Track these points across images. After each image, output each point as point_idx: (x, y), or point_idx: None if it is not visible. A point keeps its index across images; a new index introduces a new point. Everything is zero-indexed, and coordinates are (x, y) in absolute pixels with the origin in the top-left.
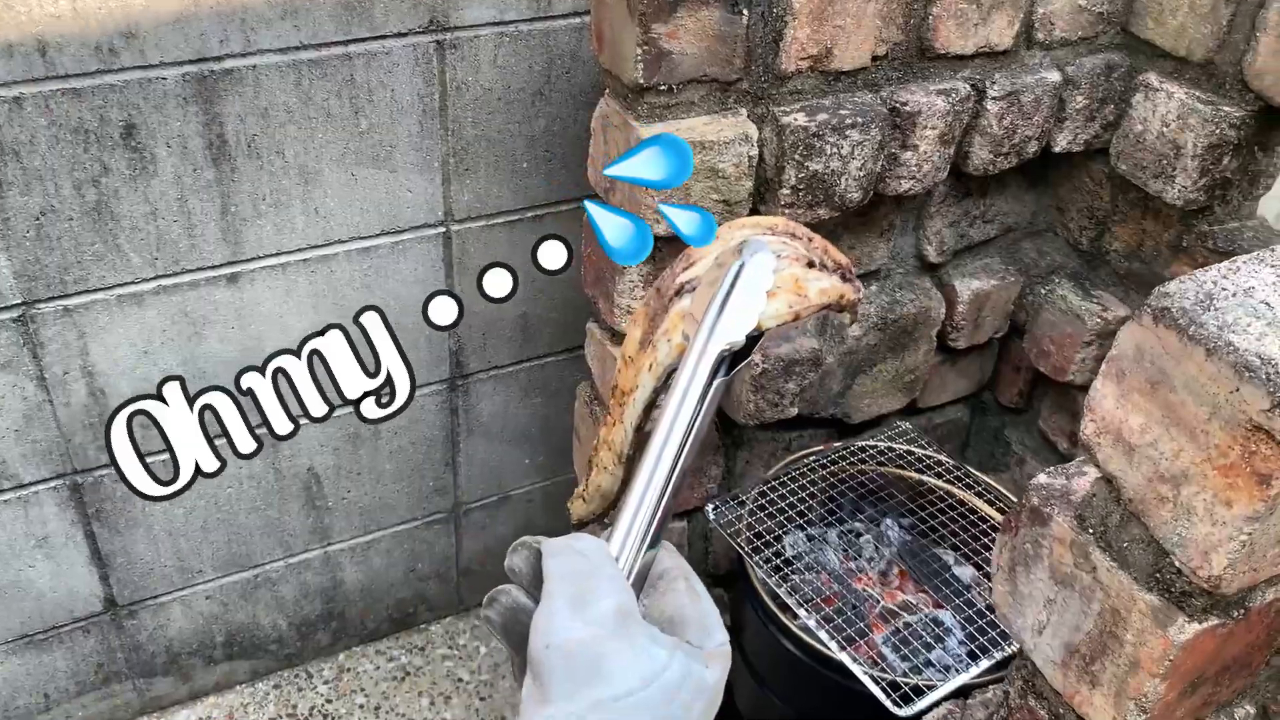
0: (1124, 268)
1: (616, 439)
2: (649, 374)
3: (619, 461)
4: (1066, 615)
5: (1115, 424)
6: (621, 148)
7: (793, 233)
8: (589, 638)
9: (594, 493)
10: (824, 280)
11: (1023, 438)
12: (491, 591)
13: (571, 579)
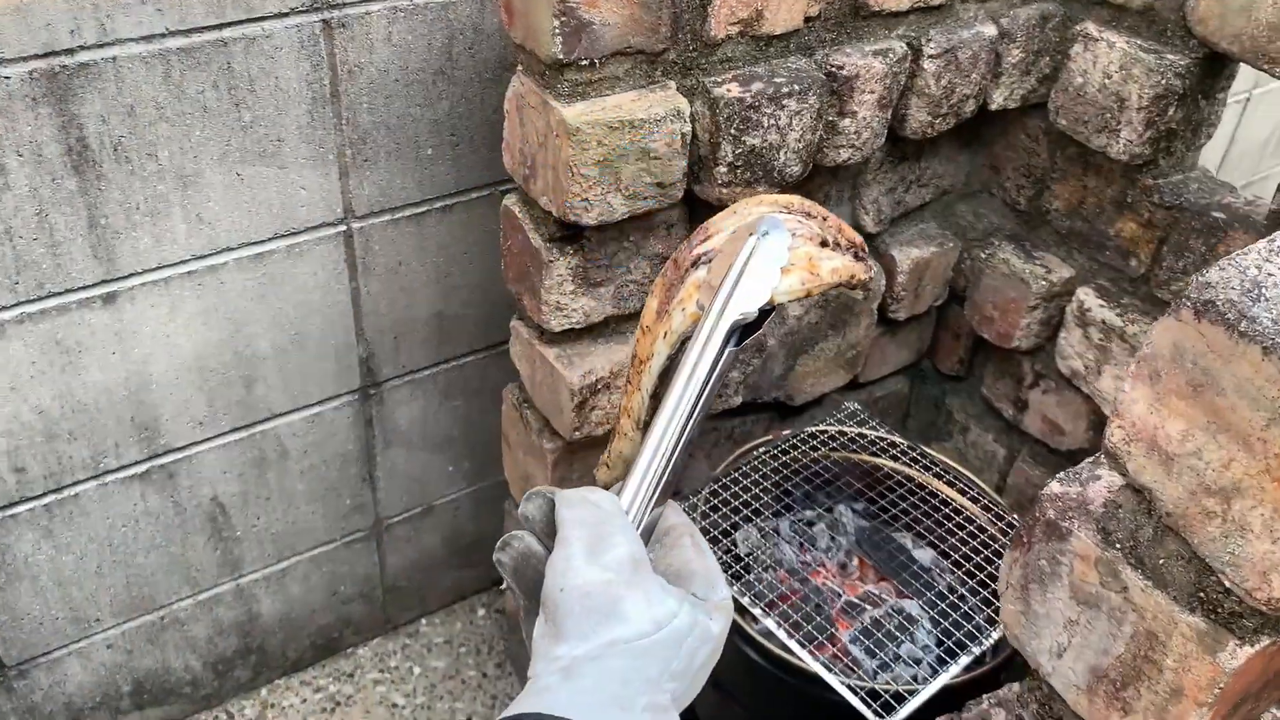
0: (1065, 227)
1: (635, 405)
2: (664, 342)
3: (637, 427)
4: (1091, 638)
5: (1149, 431)
6: (541, 130)
7: (808, 211)
8: (604, 582)
9: (616, 459)
10: (836, 259)
11: (965, 405)
12: (504, 536)
13: (587, 526)
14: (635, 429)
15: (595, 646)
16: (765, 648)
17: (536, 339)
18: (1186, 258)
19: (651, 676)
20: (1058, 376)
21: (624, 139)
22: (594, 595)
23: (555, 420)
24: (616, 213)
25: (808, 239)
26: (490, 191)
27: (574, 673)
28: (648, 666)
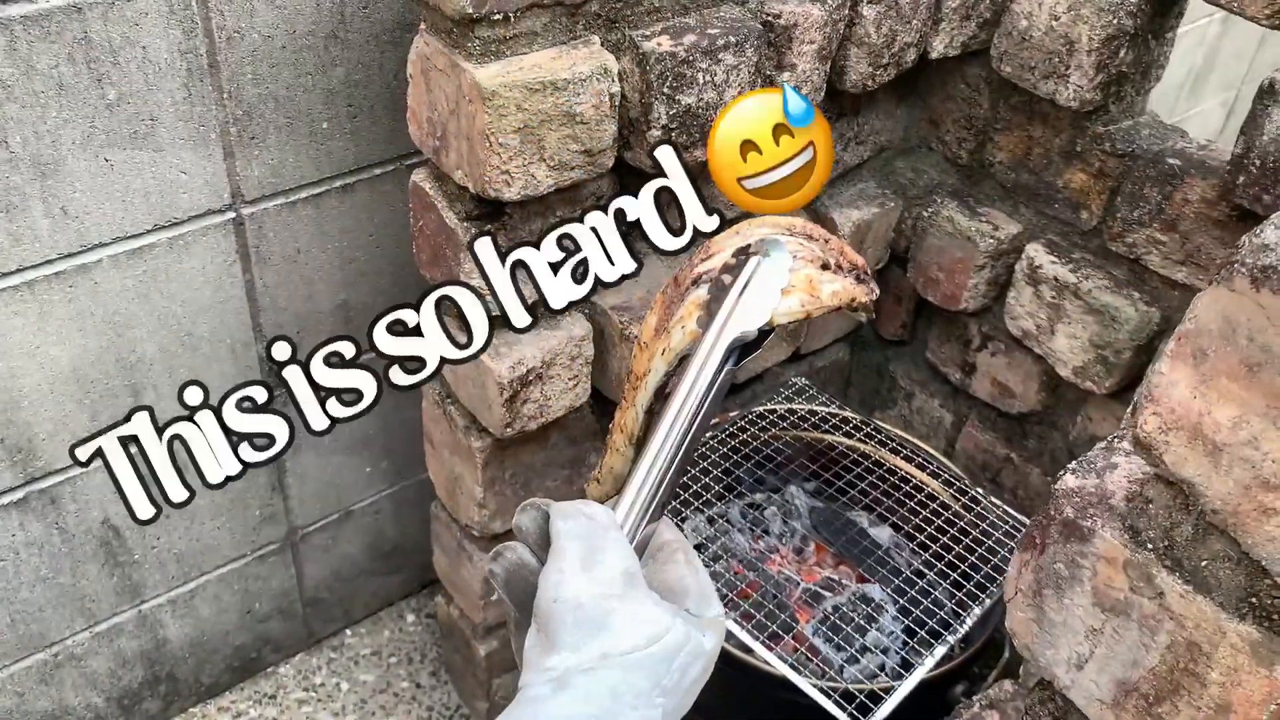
0: (1010, 180)
1: (628, 421)
2: (661, 359)
3: (630, 443)
4: (1119, 648)
5: (1191, 418)
6: (451, 96)
7: (810, 233)
8: (598, 595)
9: (607, 475)
10: (837, 283)
11: (909, 371)
12: (498, 547)
13: (581, 539)
14: (628, 445)
15: (587, 658)
16: (724, 649)
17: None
18: (1141, 207)
19: (643, 690)
20: (1007, 338)
21: (546, 103)
22: (586, 607)
23: (483, 416)
24: (541, 185)
25: (809, 261)
26: (396, 167)
27: (565, 684)
28: (639, 680)
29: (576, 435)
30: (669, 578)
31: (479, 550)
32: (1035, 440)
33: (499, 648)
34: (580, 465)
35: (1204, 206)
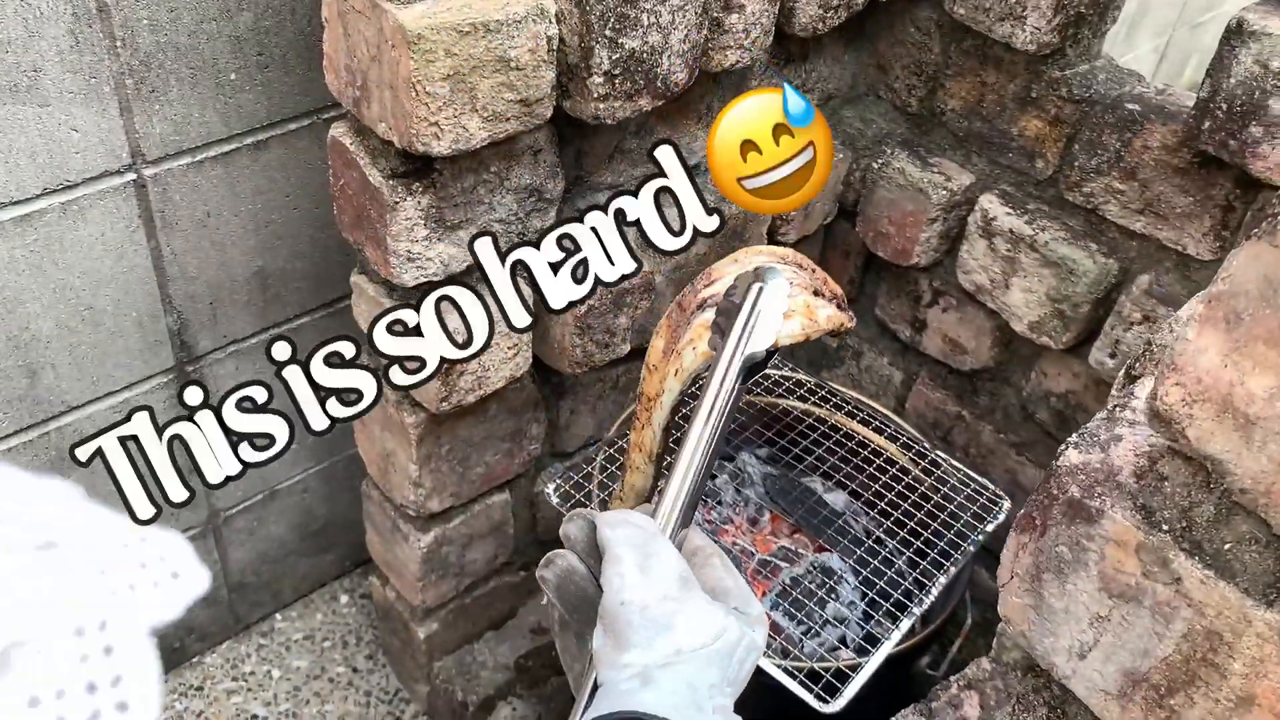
0: (962, 128)
1: (646, 440)
2: (675, 379)
3: (650, 460)
4: (1128, 636)
5: (1221, 388)
6: (372, 40)
7: (800, 263)
8: (659, 596)
9: (629, 492)
10: (829, 309)
11: (857, 329)
12: (549, 554)
13: (635, 546)
14: (648, 462)
15: (663, 655)
16: None
17: (386, 297)
18: (1100, 155)
19: (714, 682)
20: (959, 292)
21: (477, 47)
22: (652, 609)
23: (417, 390)
24: (474, 138)
25: (803, 288)
26: (313, 121)
27: (650, 679)
28: (711, 674)
29: (517, 406)
30: (709, 580)
31: (415, 530)
32: (987, 397)
33: (439, 630)
34: (522, 437)
35: (1164, 153)
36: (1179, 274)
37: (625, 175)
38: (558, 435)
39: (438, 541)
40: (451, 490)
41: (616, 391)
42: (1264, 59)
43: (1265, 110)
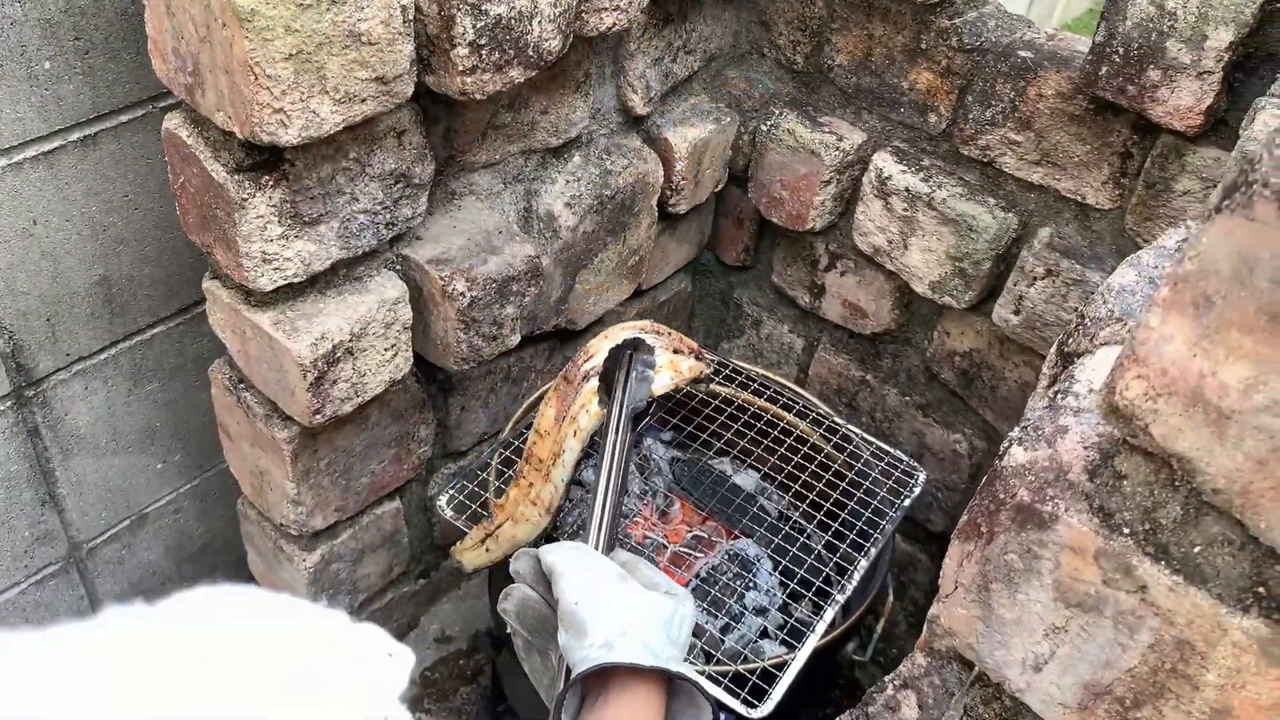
0: (851, 85)
1: (546, 495)
2: (575, 439)
3: (547, 513)
4: (1088, 648)
5: (1190, 380)
6: (200, 18)
7: (658, 330)
8: (606, 592)
9: (507, 543)
10: (689, 360)
11: (755, 297)
12: (505, 589)
13: (575, 560)
14: (545, 514)
15: (617, 629)
16: None
17: (242, 303)
18: (994, 106)
19: (662, 641)
20: (857, 255)
21: (322, 21)
22: (600, 601)
23: (286, 404)
24: (326, 124)
25: (664, 349)
26: (148, 110)
27: (613, 645)
28: (656, 636)
29: (401, 409)
30: (641, 579)
31: (299, 550)
32: (890, 359)
33: None
34: (410, 440)
35: (1059, 101)
36: (1080, 225)
37: (501, 152)
38: (449, 435)
39: (325, 560)
40: (336, 504)
41: (509, 383)
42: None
43: (1163, 53)
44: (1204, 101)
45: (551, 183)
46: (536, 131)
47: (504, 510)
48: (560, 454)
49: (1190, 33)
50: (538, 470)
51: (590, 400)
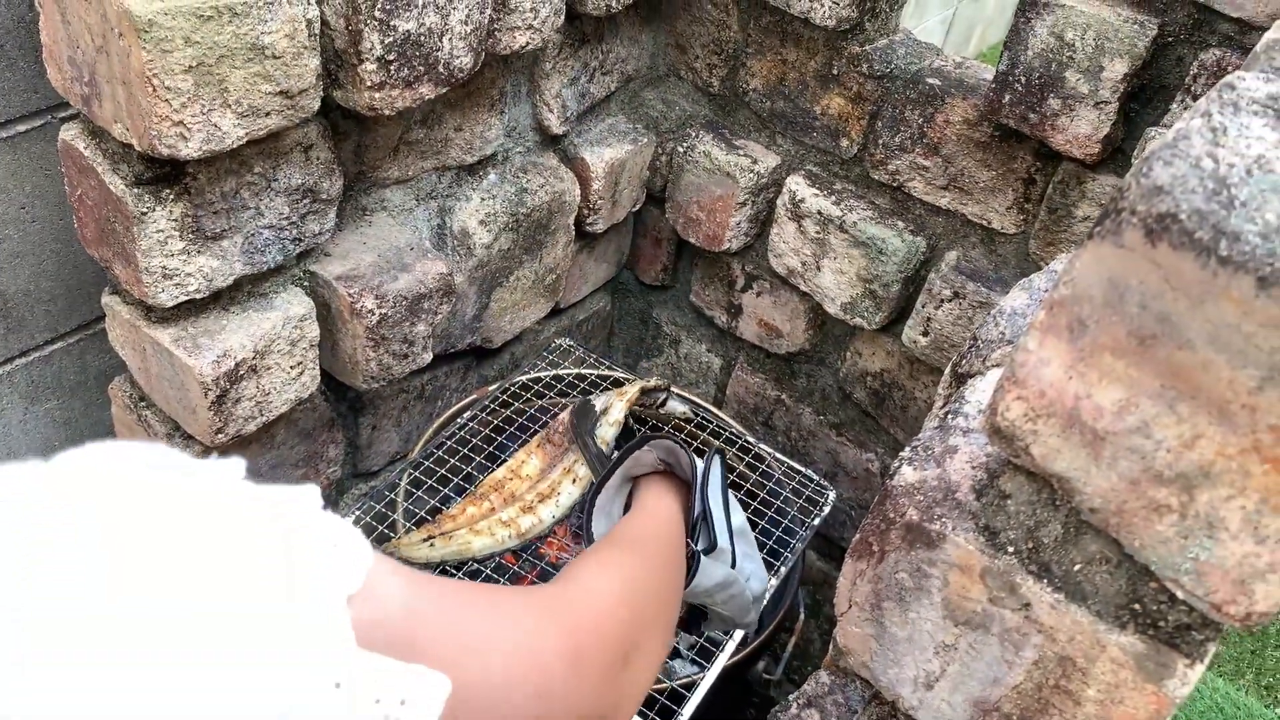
0: (766, 109)
1: (525, 524)
2: (574, 485)
3: (519, 537)
4: (976, 665)
5: (1066, 402)
6: (97, 27)
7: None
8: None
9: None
10: (633, 388)
11: (673, 316)
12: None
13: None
14: (517, 538)
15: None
16: None
17: (142, 319)
18: (903, 131)
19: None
20: (772, 276)
21: (224, 33)
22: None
23: (188, 423)
24: (228, 138)
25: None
26: (46, 121)
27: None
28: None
29: (309, 428)
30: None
31: None
32: (805, 379)
33: None
34: (318, 461)
35: (966, 128)
36: (985, 249)
37: (415, 169)
38: (359, 455)
39: None
40: None
41: (422, 402)
42: (1059, 30)
43: (1062, 83)
44: (1101, 130)
45: (466, 200)
46: (450, 148)
47: (454, 520)
48: (553, 496)
49: (1088, 63)
50: (514, 502)
51: (577, 462)
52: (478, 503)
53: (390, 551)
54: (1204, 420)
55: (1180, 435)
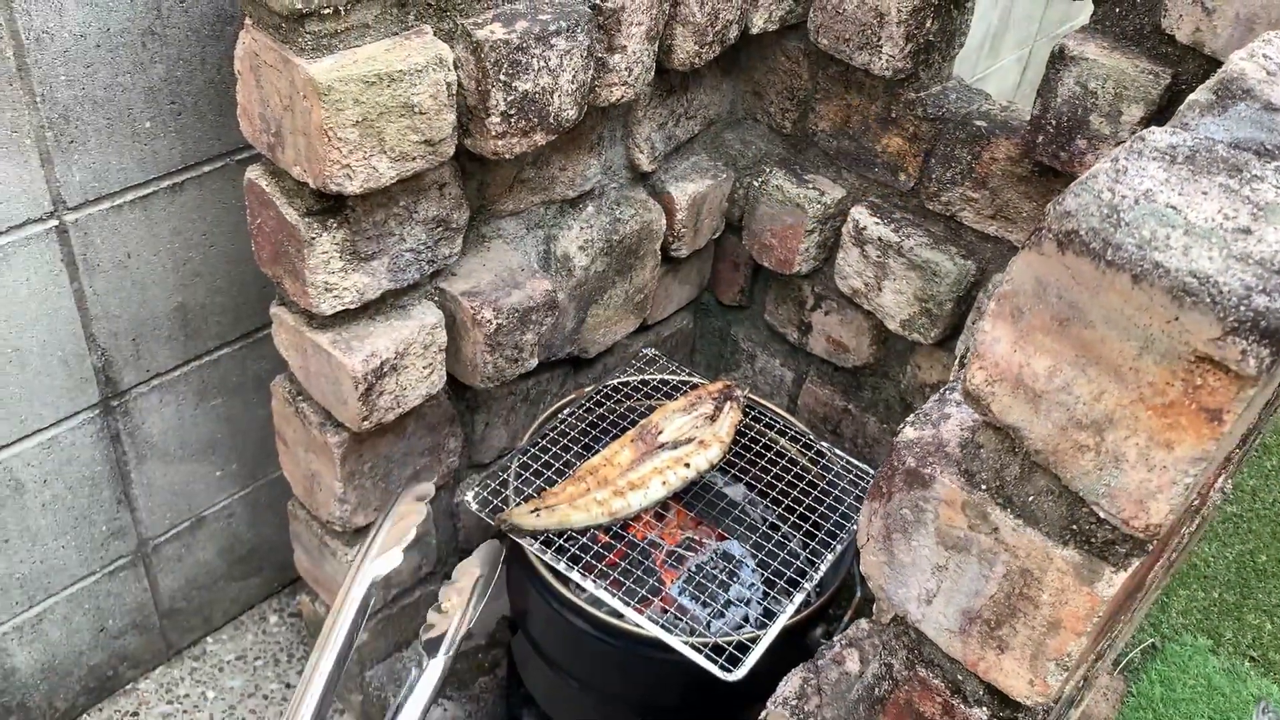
0: (832, 147)
1: (617, 506)
2: (663, 486)
3: (610, 515)
4: (962, 581)
5: (1013, 370)
6: (285, 92)
7: (692, 404)
8: None
9: (559, 517)
10: (725, 421)
11: (749, 333)
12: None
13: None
14: (608, 516)
15: None
16: (594, 615)
17: (305, 325)
18: (954, 167)
19: None
20: (839, 296)
21: (383, 95)
22: None
23: (338, 412)
24: (384, 178)
25: (704, 423)
26: (225, 163)
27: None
28: None
29: (435, 422)
30: None
31: (342, 546)
32: (870, 391)
33: (369, 639)
34: (441, 451)
35: (1009, 164)
36: None
37: (526, 202)
38: (474, 448)
39: None
40: (375, 505)
41: (528, 404)
42: (1083, 80)
43: (1087, 125)
44: None
45: (568, 228)
46: (556, 185)
47: (556, 497)
48: (643, 487)
49: (1109, 108)
50: (606, 485)
51: (676, 466)
52: (576, 483)
53: (503, 520)
54: (1106, 380)
55: (1091, 392)
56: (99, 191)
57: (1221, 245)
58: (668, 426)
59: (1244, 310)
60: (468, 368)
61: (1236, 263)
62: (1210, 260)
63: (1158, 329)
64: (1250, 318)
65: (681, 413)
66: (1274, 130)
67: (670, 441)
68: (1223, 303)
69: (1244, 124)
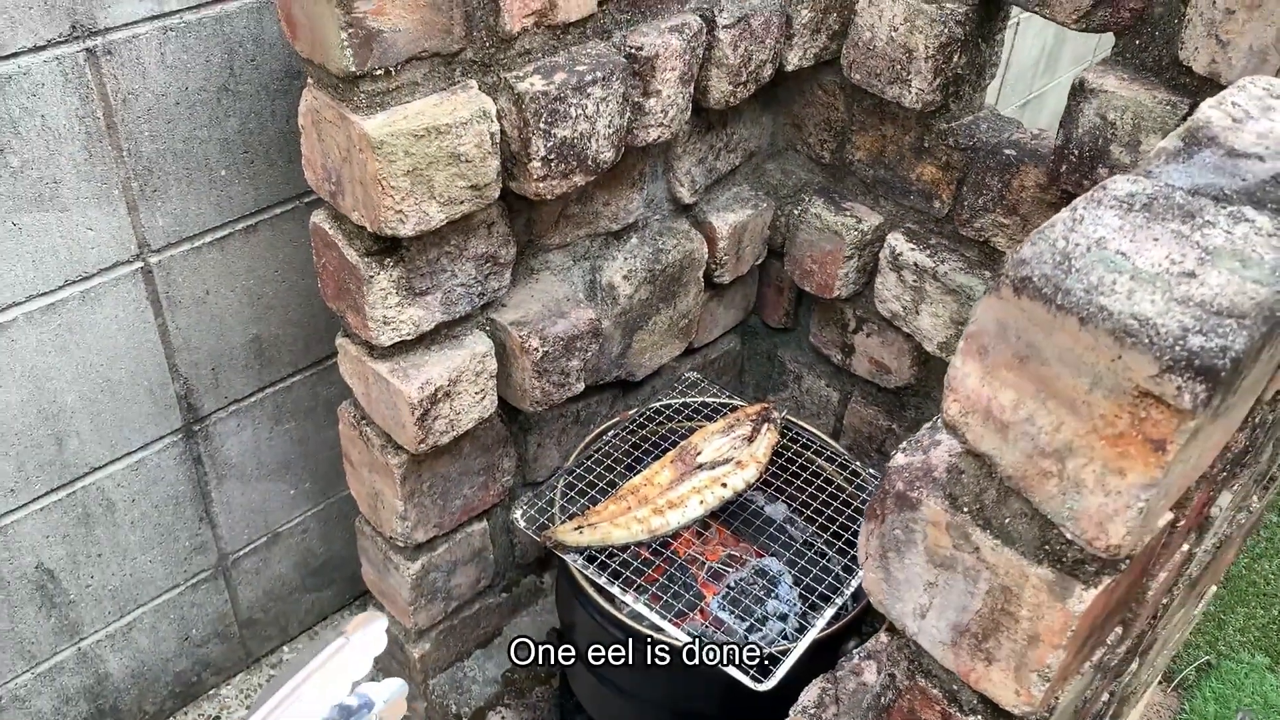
0: (869, 176)
1: (656, 523)
2: (701, 505)
3: (649, 533)
4: (951, 597)
5: (983, 403)
6: (343, 145)
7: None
8: None
9: (600, 534)
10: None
11: (795, 355)
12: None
13: None
14: (647, 533)
15: None
16: (635, 630)
17: (366, 355)
18: (985, 194)
19: None
20: (879, 319)
21: (432, 146)
22: None
23: (398, 435)
24: (434, 220)
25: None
26: (294, 205)
27: None
28: None
29: (488, 443)
30: None
31: (404, 559)
32: (913, 410)
33: (431, 649)
34: (495, 471)
35: (1038, 191)
36: None
37: (571, 236)
38: (527, 467)
39: (425, 569)
40: (434, 521)
41: (578, 425)
42: (1103, 112)
43: (1108, 155)
44: None
45: (612, 259)
46: (600, 219)
47: (599, 515)
48: (681, 506)
49: (1128, 139)
50: (646, 504)
51: (713, 486)
52: (618, 502)
53: (548, 537)
54: (1063, 412)
55: (1052, 423)
56: (180, 235)
57: (1165, 289)
58: (706, 448)
59: (1179, 350)
60: (518, 392)
61: (1178, 305)
62: (1152, 303)
63: (1104, 366)
64: (1185, 357)
65: (720, 434)
66: (1235, 175)
67: (709, 462)
68: (1159, 343)
69: (1206, 170)
